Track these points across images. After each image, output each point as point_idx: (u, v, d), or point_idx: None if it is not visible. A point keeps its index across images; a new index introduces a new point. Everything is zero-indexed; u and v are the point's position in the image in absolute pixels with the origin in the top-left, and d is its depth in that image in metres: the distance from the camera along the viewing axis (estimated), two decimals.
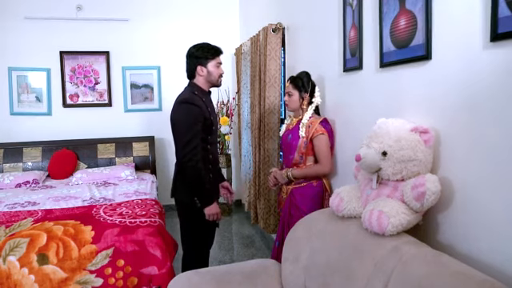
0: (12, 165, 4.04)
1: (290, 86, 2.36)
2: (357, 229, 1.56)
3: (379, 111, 1.81)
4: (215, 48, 2.40)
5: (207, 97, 2.44)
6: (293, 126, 2.39)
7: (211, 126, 2.38)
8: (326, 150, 2.27)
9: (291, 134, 2.37)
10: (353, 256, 1.49)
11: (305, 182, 2.33)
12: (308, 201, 2.31)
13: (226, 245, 3.78)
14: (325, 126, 2.28)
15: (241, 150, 4.22)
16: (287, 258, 1.82)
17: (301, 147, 2.30)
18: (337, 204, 1.66)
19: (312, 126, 2.26)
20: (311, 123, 2.27)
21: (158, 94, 4.50)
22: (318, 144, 2.26)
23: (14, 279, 2.34)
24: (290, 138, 2.37)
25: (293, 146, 2.34)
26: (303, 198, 2.32)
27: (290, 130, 2.40)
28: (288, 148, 2.39)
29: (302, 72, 2.38)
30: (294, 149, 2.33)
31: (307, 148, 2.30)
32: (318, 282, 1.61)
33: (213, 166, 2.46)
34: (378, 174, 1.55)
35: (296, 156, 2.33)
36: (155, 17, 4.44)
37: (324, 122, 2.30)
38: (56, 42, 4.23)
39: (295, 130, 2.34)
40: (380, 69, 1.81)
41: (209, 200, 2.29)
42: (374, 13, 1.84)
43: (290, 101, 2.37)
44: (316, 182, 2.33)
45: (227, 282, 1.82)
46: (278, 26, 2.98)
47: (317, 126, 2.25)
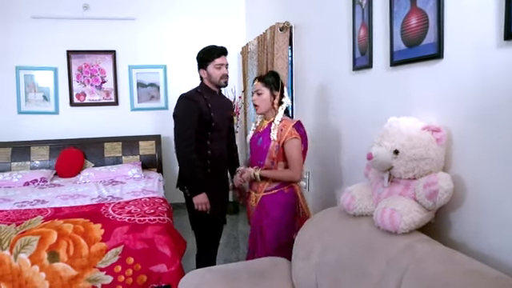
0: (20, 163, 4.07)
1: (258, 83, 2.20)
2: (368, 227, 1.57)
3: (389, 110, 1.81)
4: (214, 50, 2.46)
5: (213, 95, 2.50)
6: (263, 128, 2.23)
7: (210, 123, 2.44)
8: (298, 156, 2.13)
9: (262, 137, 2.21)
10: (365, 254, 1.50)
11: (276, 189, 2.18)
12: (279, 208, 2.18)
13: (232, 243, 3.79)
14: (298, 129, 2.15)
15: (247, 149, 4.23)
16: (298, 256, 1.83)
17: (272, 152, 2.15)
18: (348, 202, 1.67)
19: (284, 130, 2.12)
20: (283, 126, 2.13)
21: (164, 93, 4.52)
22: (289, 149, 2.11)
23: (25, 276, 2.37)
24: (260, 141, 2.21)
25: (263, 150, 2.19)
26: (274, 205, 2.18)
27: (261, 132, 2.23)
28: (258, 153, 2.24)
29: (271, 71, 2.29)
30: (265, 153, 2.17)
31: (279, 153, 2.15)
32: (330, 279, 1.62)
33: (212, 162, 2.49)
34: (389, 172, 1.56)
35: (267, 161, 2.18)
36: (161, 16, 4.45)
37: (298, 124, 2.17)
38: (63, 41, 4.25)
39: (266, 133, 2.18)
40: (390, 67, 1.82)
41: (197, 189, 2.39)
42: (385, 11, 1.84)
43: (260, 100, 2.18)
44: (287, 189, 2.19)
45: (239, 280, 1.84)
46: (286, 24, 2.98)
47: (290, 129, 2.11)
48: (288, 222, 2.22)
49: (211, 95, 2.50)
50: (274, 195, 2.20)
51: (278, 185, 2.19)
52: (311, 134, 2.78)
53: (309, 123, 2.82)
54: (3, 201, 3.19)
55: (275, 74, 2.26)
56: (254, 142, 2.26)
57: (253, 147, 2.29)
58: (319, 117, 2.67)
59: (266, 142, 2.16)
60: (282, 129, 2.12)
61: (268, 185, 2.21)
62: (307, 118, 2.86)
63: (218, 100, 2.52)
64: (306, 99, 2.87)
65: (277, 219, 2.18)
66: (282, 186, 2.19)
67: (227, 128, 2.61)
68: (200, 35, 4.52)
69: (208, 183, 2.43)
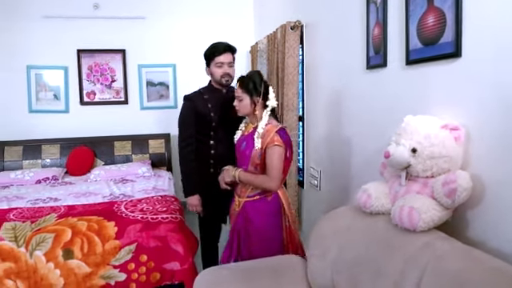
0: (31, 161, 4.10)
1: (238, 89, 2.10)
2: (385, 225, 1.57)
3: (404, 108, 1.82)
4: (215, 48, 2.46)
5: (217, 95, 2.49)
6: (248, 132, 2.16)
7: (210, 123, 2.45)
8: (277, 164, 2.02)
9: (245, 141, 2.15)
10: (382, 251, 1.50)
11: (258, 196, 2.12)
12: (262, 216, 2.12)
13: None
14: (282, 135, 2.05)
15: None
16: (313, 254, 1.84)
17: (254, 158, 2.07)
18: (364, 200, 1.67)
19: (267, 135, 2.02)
20: (267, 131, 2.04)
21: (173, 92, 4.54)
22: (269, 155, 2.02)
23: (40, 273, 2.39)
24: (244, 146, 2.15)
25: (246, 155, 2.12)
26: (257, 212, 2.13)
27: (245, 136, 2.17)
28: (241, 158, 2.18)
29: (253, 71, 2.18)
30: (248, 159, 2.11)
31: (262, 159, 2.06)
32: (347, 277, 1.63)
33: (216, 162, 2.48)
34: (406, 170, 1.57)
35: (250, 168, 2.11)
36: (171, 15, 4.47)
37: (281, 131, 2.07)
38: (73, 40, 4.28)
39: (249, 138, 2.11)
40: (406, 66, 1.81)
41: (190, 191, 2.45)
42: (400, 10, 1.84)
43: (240, 106, 2.12)
44: (270, 196, 2.12)
45: (254, 277, 1.85)
46: (297, 23, 2.98)
47: (272, 134, 2.02)
48: (274, 234, 2.14)
49: (215, 94, 2.50)
50: (256, 202, 2.13)
51: (261, 191, 2.12)
52: (323, 132, 2.80)
53: (320, 122, 2.83)
54: (16, 198, 3.22)
55: (258, 74, 2.15)
56: (239, 146, 2.20)
57: (237, 150, 2.22)
58: (331, 115, 2.67)
59: (249, 148, 2.09)
60: (265, 134, 2.04)
61: (250, 190, 2.14)
62: (319, 116, 2.87)
63: (224, 98, 2.46)
64: (318, 97, 2.88)
65: (261, 229, 2.12)
66: (265, 193, 2.11)
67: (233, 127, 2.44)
68: (209, 34, 4.52)
69: (211, 183, 2.42)
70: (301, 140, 3.22)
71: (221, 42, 2.49)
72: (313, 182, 2.99)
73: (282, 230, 2.16)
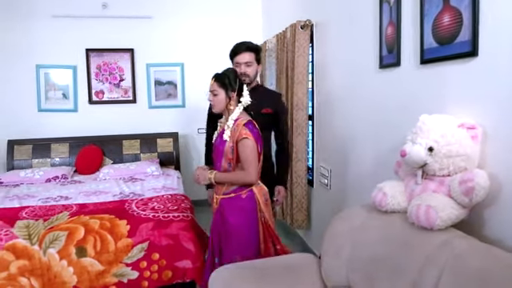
0: (40, 160, 4.13)
1: (214, 84, 2.14)
2: (401, 223, 1.58)
3: (418, 107, 1.82)
4: (233, 48, 2.49)
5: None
6: (222, 128, 2.18)
7: None
8: (250, 156, 2.04)
9: (219, 137, 2.16)
10: (399, 250, 1.51)
11: (233, 193, 2.13)
12: (237, 213, 2.13)
13: None
14: (251, 129, 2.07)
15: None
16: (327, 252, 1.84)
17: (227, 153, 2.08)
18: (380, 199, 1.68)
19: (237, 128, 2.05)
20: (237, 125, 2.06)
21: (181, 91, 4.56)
22: (241, 149, 2.04)
23: (54, 271, 2.42)
24: (217, 142, 2.17)
25: (219, 151, 2.13)
26: (231, 210, 2.14)
27: (219, 132, 2.19)
28: (216, 153, 2.19)
29: (228, 68, 2.21)
30: (221, 154, 2.12)
31: (234, 154, 2.07)
32: (363, 275, 1.63)
33: None
34: (422, 169, 1.57)
35: (223, 163, 2.12)
36: (178, 14, 4.48)
37: (249, 124, 2.09)
38: (82, 39, 4.30)
39: (221, 134, 2.14)
40: (420, 65, 1.82)
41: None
42: (414, 10, 1.85)
43: (215, 101, 2.13)
44: (245, 193, 2.12)
45: (268, 275, 1.86)
46: (308, 22, 2.99)
47: (241, 128, 2.04)
48: (250, 232, 2.14)
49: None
50: (231, 199, 2.14)
51: (236, 188, 2.13)
52: (333, 131, 2.81)
53: (331, 121, 2.84)
54: (27, 197, 3.25)
55: (233, 71, 2.19)
56: (215, 143, 2.22)
57: (213, 149, 2.23)
58: (342, 114, 2.68)
59: (222, 143, 2.11)
60: (236, 128, 2.06)
61: (226, 188, 2.15)
62: (330, 115, 2.87)
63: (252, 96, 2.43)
64: (329, 97, 2.88)
65: (237, 226, 2.12)
66: (240, 190, 2.12)
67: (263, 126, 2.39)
68: (217, 33, 4.56)
69: None
70: (310, 139, 3.23)
71: (241, 42, 2.50)
72: (323, 180, 3.00)
73: (258, 227, 2.16)
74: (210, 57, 4.46)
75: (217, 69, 2.58)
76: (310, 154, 3.26)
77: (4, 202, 3.11)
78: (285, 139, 2.61)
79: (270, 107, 2.49)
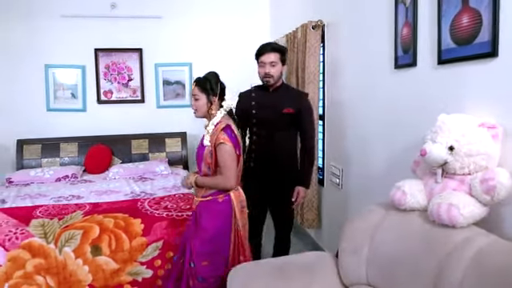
0: (50, 159, 4.14)
1: (195, 88, 2.14)
2: (421, 221, 1.60)
3: (435, 107, 1.84)
4: (259, 48, 2.52)
5: (262, 93, 2.56)
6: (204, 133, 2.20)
7: (251, 119, 2.54)
8: (228, 161, 2.06)
9: (200, 142, 2.20)
10: (420, 247, 1.53)
11: (210, 196, 2.14)
12: (211, 216, 2.14)
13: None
14: (229, 134, 2.08)
15: None
16: (345, 250, 1.86)
17: (206, 157, 2.11)
18: (399, 197, 1.70)
19: (215, 133, 2.07)
20: (216, 129, 2.08)
21: (189, 91, 4.57)
22: (219, 154, 2.06)
23: (69, 269, 2.44)
24: (198, 146, 2.22)
25: (200, 155, 2.18)
26: (207, 212, 2.16)
27: (202, 137, 2.21)
28: (197, 158, 2.23)
29: (210, 72, 2.19)
30: (201, 159, 2.16)
31: (213, 158, 2.09)
32: (383, 272, 1.66)
33: (255, 158, 2.56)
34: (442, 167, 1.59)
35: (203, 167, 2.15)
36: (187, 14, 4.49)
37: (227, 129, 2.09)
38: (91, 39, 4.31)
39: (203, 139, 2.17)
40: (438, 65, 1.84)
41: None
42: (431, 11, 1.86)
43: (196, 105, 2.15)
44: (222, 198, 2.13)
45: (286, 273, 1.88)
46: (319, 23, 3.01)
47: (219, 133, 2.06)
48: (221, 236, 2.14)
49: (260, 93, 2.57)
50: (208, 202, 2.15)
51: (214, 192, 2.14)
52: (345, 131, 2.82)
53: (343, 120, 2.86)
54: (39, 196, 3.26)
55: (215, 75, 2.18)
56: (197, 148, 2.24)
57: (196, 152, 2.26)
58: (355, 114, 2.70)
59: (202, 148, 2.14)
60: (215, 132, 2.08)
61: (204, 191, 2.18)
62: (342, 115, 2.89)
63: (270, 97, 2.53)
64: (341, 96, 2.90)
65: (208, 229, 2.12)
66: (218, 194, 2.13)
67: (285, 126, 2.52)
68: (225, 33, 4.57)
69: (250, 178, 2.52)
70: (321, 139, 3.25)
71: (267, 43, 2.57)
72: (334, 180, 3.02)
73: (230, 234, 2.16)
74: (218, 57, 4.48)
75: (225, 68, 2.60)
76: (320, 153, 3.27)
77: (16, 201, 3.13)
78: (309, 139, 2.57)
79: (291, 107, 2.48)
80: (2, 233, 2.47)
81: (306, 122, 2.54)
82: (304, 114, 2.52)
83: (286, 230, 2.73)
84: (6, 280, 2.37)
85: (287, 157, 2.58)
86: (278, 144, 2.52)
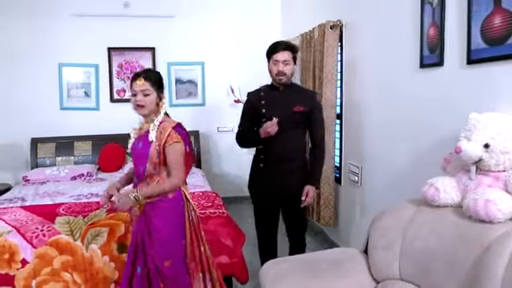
0: (64, 158, 4.17)
1: (146, 83, 2.00)
2: (456, 217, 1.64)
3: (463, 106, 1.89)
4: (272, 46, 2.49)
5: (272, 91, 2.51)
6: (144, 131, 2.07)
7: (261, 119, 2.47)
8: (180, 160, 2.00)
9: (141, 141, 2.06)
10: (455, 242, 1.56)
11: (157, 197, 2.03)
12: (161, 216, 2.04)
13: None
14: (180, 131, 2.04)
15: None
16: (376, 246, 1.89)
17: (153, 156, 1.99)
18: (432, 194, 1.73)
19: (164, 132, 1.99)
20: (162, 128, 2.00)
21: (201, 90, 4.61)
22: (171, 154, 1.98)
23: (96, 266, 2.46)
24: (140, 145, 2.06)
25: (144, 154, 2.02)
26: (156, 212, 2.04)
27: (142, 136, 2.08)
28: (139, 158, 2.07)
29: (151, 69, 2.16)
30: (146, 158, 2.01)
31: (160, 157, 2.00)
32: (418, 268, 1.69)
33: (265, 158, 2.50)
34: (476, 165, 1.64)
35: (149, 167, 2.01)
36: (199, 13, 4.53)
37: (178, 127, 2.04)
38: (104, 38, 4.34)
39: (146, 136, 2.03)
40: (467, 65, 1.88)
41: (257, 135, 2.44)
42: (460, 11, 1.91)
43: (146, 101, 2.00)
44: (172, 193, 2.05)
45: (316, 269, 1.91)
46: (338, 23, 3.05)
47: (170, 131, 1.98)
48: (177, 235, 2.07)
49: (270, 91, 2.52)
50: (155, 203, 2.03)
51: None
52: (365, 130, 2.86)
53: (363, 119, 2.90)
54: (58, 194, 3.29)
55: (158, 72, 2.14)
56: (135, 148, 2.09)
57: (134, 153, 2.10)
58: (375, 113, 2.74)
59: (147, 146, 2.01)
60: (162, 131, 1.99)
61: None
62: (362, 114, 2.92)
63: (280, 96, 2.49)
64: (360, 95, 2.94)
65: (162, 230, 2.03)
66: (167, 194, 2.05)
67: (295, 125, 2.46)
68: (237, 32, 4.61)
69: (260, 178, 2.54)
70: (338, 137, 3.29)
71: (280, 41, 2.54)
72: (353, 178, 3.06)
73: (185, 228, 2.10)
74: (230, 56, 4.51)
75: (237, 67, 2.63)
76: (337, 152, 3.31)
77: (36, 200, 3.16)
78: (319, 138, 2.53)
79: (302, 105, 2.45)
80: (28, 230, 2.49)
81: (317, 121, 2.52)
82: (315, 112, 2.49)
83: (300, 232, 2.63)
84: (33, 277, 2.40)
85: (297, 156, 2.52)
86: (287, 143, 2.46)
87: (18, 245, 2.41)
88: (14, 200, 3.15)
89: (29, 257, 2.41)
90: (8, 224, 2.56)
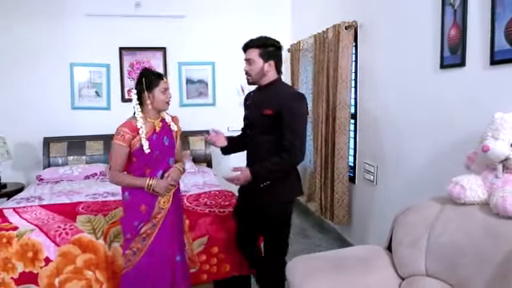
0: (76, 157, 4.18)
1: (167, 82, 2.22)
2: (483, 214, 1.68)
3: (486, 106, 1.93)
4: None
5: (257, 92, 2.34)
6: (160, 128, 2.18)
7: (245, 120, 2.39)
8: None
9: (164, 135, 2.19)
10: (483, 239, 1.60)
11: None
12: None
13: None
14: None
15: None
16: (401, 243, 1.93)
17: (177, 144, 2.27)
18: (458, 192, 1.77)
19: (176, 122, 2.31)
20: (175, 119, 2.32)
21: (212, 89, 4.63)
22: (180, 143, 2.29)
23: (118, 264, 2.48)
24: (166, 141, 2.19)
25: (172, 146, 2.22)
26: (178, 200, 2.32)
27: (159, 133, 2.16)
28: (167, 152, 2.21)
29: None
30: (173, 148, 2.24)
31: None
32: (445, 263, 1.73)
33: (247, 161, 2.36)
34: (502, 163, 1.68)
35: (176, 155, 2.28)
36: (210, 13, 4.55)
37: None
38: (115, 38, 4.36)
39: (167, 130, 2.22)
40: (490, 66, 1.92)
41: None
42: (483, 13, 1.95)
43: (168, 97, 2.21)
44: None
45: (343, 265, 1.95)
46: (353, 23, 3.08)
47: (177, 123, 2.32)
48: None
49: (257, 91, 2.34)
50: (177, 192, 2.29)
51: None
52: (382, 129, 2.89)
53: (378, 119, 2.93)
54: (73, 193, 3.31)
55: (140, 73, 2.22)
56: (160, 145, 2.15)
57: (161, 151, 2.15)
58: (392, 113, 2.77)
59: (171, 138, 2.23)
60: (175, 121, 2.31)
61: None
62: (377, 114, 2.96)
63: (260, 96, 2.28)
64: (376, 96, 2.98)
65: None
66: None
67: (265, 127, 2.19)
68: (247, 32, 4.58)
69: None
70: (352, 137, 3.32)
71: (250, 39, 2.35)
72: (368, 177, 3.10)
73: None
74: (240, 56, 4.51)
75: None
76: (351, 151, 3.35)
77: (53, 198, 3.17)
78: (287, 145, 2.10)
79: (270, 108, 2.14)
80: (51, 229, 2.51)
81: (287, 126, 2.10)
82: (285, 116, 2.10)
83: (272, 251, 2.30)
84: (56, 275, 2.42)
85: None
86: (256, 150, 2.27)
87: (41, 243, 2.44)
88: (31, 199, 3.16)
89: (52, 255, 2.43)
90: (30, 223, 2.58)
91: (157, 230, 2.16)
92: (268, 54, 2.23)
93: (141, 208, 2.15)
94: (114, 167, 2.14)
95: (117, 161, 2.13)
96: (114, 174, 2.14)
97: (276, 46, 2.29)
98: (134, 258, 2.16)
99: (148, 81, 2.12)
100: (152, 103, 2.14)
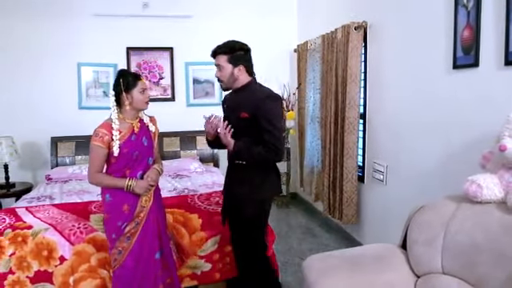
0: (83, 157, 4.19)
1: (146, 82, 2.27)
2: (500, 212, 1.70)
3: (501, 106, 1.95)
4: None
5: (232, 95, 2.37)
6: (138, 129, 2.20)
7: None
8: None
9: (143, 136, 2.21)
10: (502, 236, 1.63)
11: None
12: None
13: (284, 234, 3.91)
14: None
15: (303, 144, 4.38)
16: (417, 241, 1.95)
17: (155, 144, 2.31)
18: (474, 190, 1.79)
19: (154, 122, 2.34)
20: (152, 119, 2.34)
21: (218, 89, 4.65)
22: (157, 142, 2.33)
23: None
24: (145, 141, 2.21)
25: (150, 146, 2.25)
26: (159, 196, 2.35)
27: (138, 133, 2.18)
28: (146, 153, 2.23)
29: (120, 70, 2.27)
30: (152, 148, 2.27)
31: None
32: (462, 261, 1.75)
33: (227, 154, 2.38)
34: None
35: (155, 155, 2.31)
36: (217, 14, 4.58)
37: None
38: (123, 38, 4.37)
39: (145, 130, 2.24)
40: (505, 66, 1.95)
41: None
42: (497, 14, 1.97)
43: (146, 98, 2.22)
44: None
45: (359, 263, 1.97)
46: (363, 24, 3.11)
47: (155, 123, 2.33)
48: None
49: (232, 94, 2.37)
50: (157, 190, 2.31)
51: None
52: (392, 129, 2.92)
53: (388, 119, 2.96)
54: (84, 192, 3.32)
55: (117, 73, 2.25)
56: (139, 145, 2.17)
57: (140, 151, 2.18)
58: (402, 113, 2.80)
59: (150, 138, 2.26)
60: (153, 122, 2.32)
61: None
62: (387, 114, 2.98)
63: (235, 99, 2.32)
64: (386, 96, 3.00)
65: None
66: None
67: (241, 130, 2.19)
68: (254, 33, 4.62)
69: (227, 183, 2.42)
70: (361, 137, 3.34)
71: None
72: (377, 176, 3.12)
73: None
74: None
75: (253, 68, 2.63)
76: (360, 151, 3.37)
77: (64, 198, 3.19)
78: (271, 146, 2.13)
79: (246, 111, 2.15)
80: (65, 228, 2.53)
81: (264, 130, 2.12)
82: (261, 120, 2.12)
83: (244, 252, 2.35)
84: (71, 273, 2.44)
85: (243, 168, 2.24)
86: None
87: (56, 242, 2.45)
88: (41, 198, 3.18)
89: (67, 254, 2.44)
90: (44, 222, 2.59)
91: (140, 228, 2.19)
92: (236, 58, 2.24)
93: (123, 208, 2.16)
94: (93, 168, 2.15)
95: (95, 162, 2.15)
96: (94, 175, 2.15)
97: (244, 49, 2.30)
98: (119, 257, 2.17)
99: (126, 82, 2.15)
100: (131, 104, 2.16)
